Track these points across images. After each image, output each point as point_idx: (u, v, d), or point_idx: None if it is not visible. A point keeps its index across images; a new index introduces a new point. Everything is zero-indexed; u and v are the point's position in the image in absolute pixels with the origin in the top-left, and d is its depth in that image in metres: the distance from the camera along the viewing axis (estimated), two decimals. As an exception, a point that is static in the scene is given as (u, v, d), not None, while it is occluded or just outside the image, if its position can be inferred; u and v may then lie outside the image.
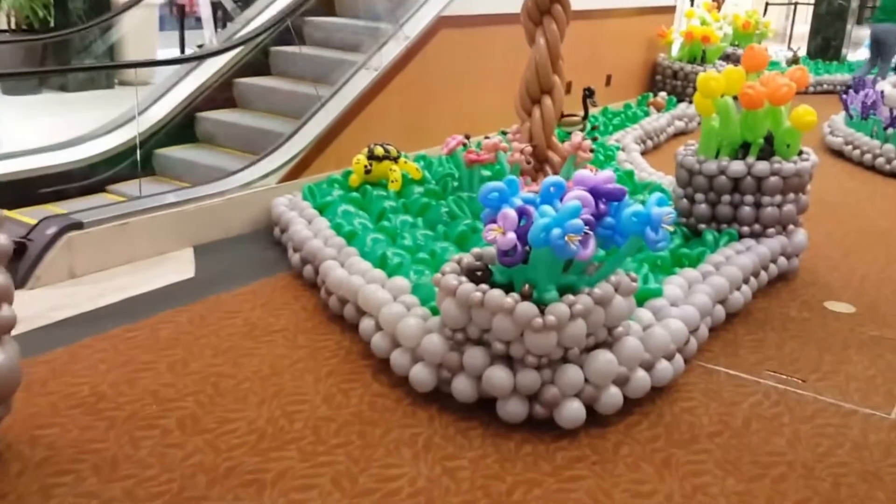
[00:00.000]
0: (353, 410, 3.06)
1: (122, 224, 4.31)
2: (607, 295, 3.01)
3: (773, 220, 4.51)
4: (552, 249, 2.86)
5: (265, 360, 3.41)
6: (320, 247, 4.16)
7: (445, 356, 3.07)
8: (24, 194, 5.04)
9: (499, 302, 2.89)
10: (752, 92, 4.34)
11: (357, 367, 3.38)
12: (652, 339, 3.22)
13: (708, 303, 3.70)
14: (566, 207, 2.87)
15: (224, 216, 4.83)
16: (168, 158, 5.71)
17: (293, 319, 3.82)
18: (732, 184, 4.50)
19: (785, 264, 4.59)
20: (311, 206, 4.87)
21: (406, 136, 6.06)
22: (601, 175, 3.13)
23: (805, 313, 4.20)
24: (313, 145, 5.43)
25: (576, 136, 4.86)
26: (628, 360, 3.09)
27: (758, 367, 3.59)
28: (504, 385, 2.94)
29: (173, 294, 4.05)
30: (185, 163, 5.63)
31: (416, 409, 3.08)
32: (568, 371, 2.96)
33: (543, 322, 2.84)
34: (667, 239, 3.04)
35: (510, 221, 2.95)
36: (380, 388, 3.23)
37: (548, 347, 2.90)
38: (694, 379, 3.46)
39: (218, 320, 3.77)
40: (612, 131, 8.00)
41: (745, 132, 4.51)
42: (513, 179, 3.19)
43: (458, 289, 3.01)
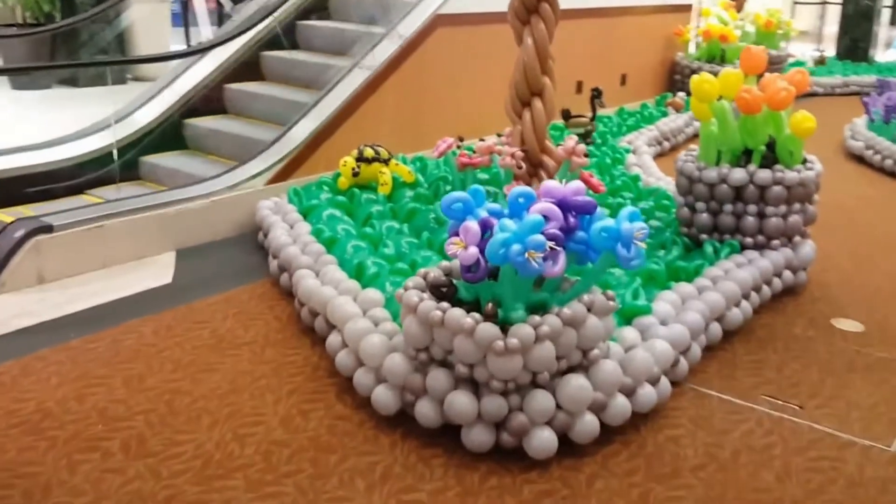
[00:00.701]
0: (311, 434, 2.87)
1: (96, 227, 4.17)
2: (579, 315, 2.79)
3: (778, 231, 4.26)
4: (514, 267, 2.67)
5: (226, 375, 3.24)
6: (296, 254, 3.99)
7: (408, 378, 2.88)
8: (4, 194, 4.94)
9: (458, 322, 2.69)
10: (748, 96, 4.09)
11: (322, 385, 3.20)
12: (633, 361, 3.00)
13: (700, 321, 3.47)
14: (527, 221, 2.67)
15: (209, 219, 4.68)
16: (154, 164, 5.58)
17: (264, 331, 3.65)
18: (734, 192, 4.25)
19: (791, 278, 4.34)
20: (297, 209, 4.70)
21: (402, 137, 5.88)
22: (570, 186, 2.92)
23: (810, 331, 3.95)
24: (304, 146, 5.26)
25: (569, 141, 4.64)
26: (605, 385, 2.88)
27: (754, 392, 3.35)
28: (467, 411, 2.74)
29: (144, 301, 3.90)
30: (171, 168, 5.49)
31: (379, 434, 2.90)
32: (537, 397, 2.76)
33: (505, 345, 2.64)
34: (640, 256, 2.82)
35: (472, 235, 2.75)
36: (343, 409, 3.04)
37: (512, 371, 2.70)
38: (684, 403, 3.24)
39: (185, 331, 3.61)
40: (625, 132, 7.75)
41: (744, 138, 4.26)
42: (477, 190, 2.99)
43: (418, 306, 2.82)
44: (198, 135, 5.81)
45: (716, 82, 4.23)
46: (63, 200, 4.93)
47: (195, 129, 5.82)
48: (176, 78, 5.85)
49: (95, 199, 4.98)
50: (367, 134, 5.58)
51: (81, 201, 4.96)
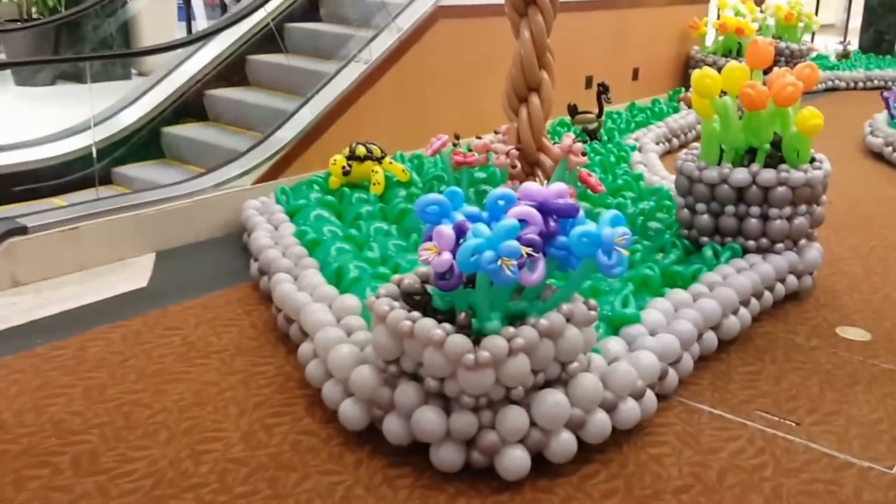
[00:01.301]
0: (273, 451, 2.73)
1: (72, 229, 4.06)
2: (557, 326, 2.63)
3: (782, 234, 4.05)
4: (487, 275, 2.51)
5: (191, 386, 3.11)
6: (276, 257, 3.85)
7: (376, 391, 2.72)
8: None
9: (427, 333, 2.53)
10: (752, 92, 3.89)
11: (291, 397, 3.06)
12: (616, 375, 2.83)
13: (691, 331, 3.29)
14: (501, 227, 2.50)
15: (191, 220, 4.55)
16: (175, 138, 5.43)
17: (237, 338, 3.51)
18: (736, 193, 4.05)
19: (795, 283, 4.13)
20: (284, 209, 4.56)
21: (400, 134, 5.72)
22: (552, 188, 2.75)
23: (813, 340, 3.75)
24: (295, 143, 5.12)
25: (566, 139, 4.45)
26: (584, 401, 2.71)
27: (747, 406, 3.17)
28: (434, 428, 2.58)
29: (117, 306, 3.78)
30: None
31: (344, 452, 2.75)
32: (510, 414, 2.59)
33: (476, 359, 2.48)
34: (622, 264, 2.65)
35: (446, 240, 2.59)
36: (310, 423, 2.90)
37: (484, 387, 2.54)
38: (671, 419, 3.06)
39: (155, 338, 3.48)
40: (634, 129, 7.54)
41: (748, 136, 4.06)
42: (455, 191, 2.83)
43: (388, 315, 2.66)
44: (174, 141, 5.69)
45: (718, 77, 4.02)
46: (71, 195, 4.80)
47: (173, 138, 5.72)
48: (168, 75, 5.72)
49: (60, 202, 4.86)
50: (364, 130, 5.43)
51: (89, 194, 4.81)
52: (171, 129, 5.68)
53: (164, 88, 5.78)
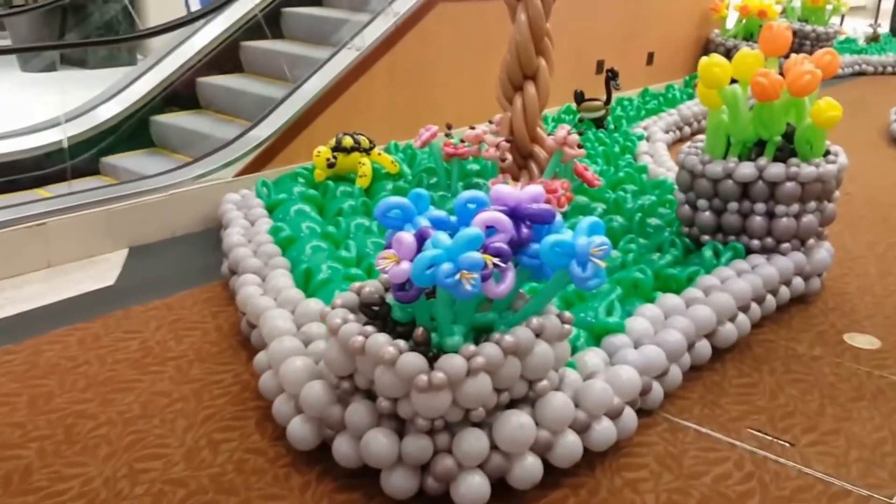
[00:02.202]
0: (215, 471, 2.54)
1: (38, 224, 3.89)
2: (524, 343, 2.40)
3: (789, 233, 3.78)
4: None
5: (141, 396, 2.93)
6: (245, 255, 3.66)
7: (326, 409, 2.52)
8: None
9: (378, 351, 2.32)
10: (764, 81, 3.60)
11: (244, 410, 2.87)
12: (590, 393, 2.60)
13: (680, 341, 3.05)
14: (461, 236, 2.27)
15: (168, 214, 4.37)
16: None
17: (198, 343, 3.32)
18: (741, 189, 3.79)
19: (801, 286, 3.86)
20: (264, 203, 4.37)
21: (395, 123, 5.50)
22: (527, 192, 2.51)
23: (817, 349, 3.49)
24: (281, 133, 4.91)
25: (560, 130, 4.21)
26: (553, 422, 2.48)
27: (739, 424, 2.92)
28: (384, 453, 2.37)
29: (80, 306, 3.61)
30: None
31: (292, 473, 2.55)
32: (467, 437, 2.37)
33: (429, 380, 2.27)
34: (600, 276, 2.42)
35: (406, 248, 2.37)
36: (259, 440, 2.70)
37: (439, 409, 2.32)
38: (653, 437, 2.82)
39: (113, 341, 3.30)
40: (644, 116, 7.24)
41: (759, 128, 3.78)
42: (420, 194, 2.61)
43: (340, 329, 2.45)
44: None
45: (727, 65, 3.74)
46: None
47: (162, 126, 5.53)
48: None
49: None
50: (356, 120, 5.21)
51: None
52: (160, 117, 5.49)
53: (154, 76, 5.59)
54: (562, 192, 4.16)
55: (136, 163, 5.03)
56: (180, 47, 5.64)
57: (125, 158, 5.16)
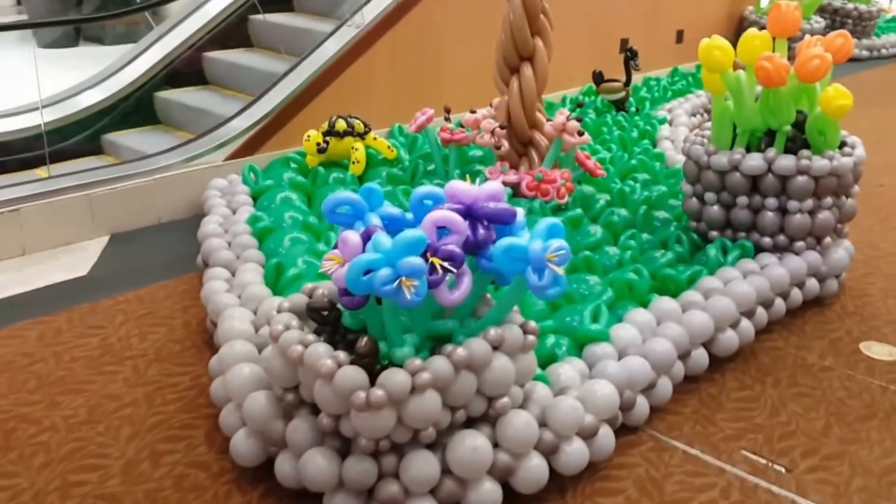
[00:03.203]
0: (152, 487, 2.37)
1: (11, 211, 3.75)
2: (479, 356, 2.18)
3: (803, 230, 3.49)
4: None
5: (91, 399, 2.77)
6: (218, 247, 3.48)
7: (269, 423, 2.33)
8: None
9: (315, 363, 2.12)
10: (768, 65, 3.30)
11: (196, 417, 2.69)
12: (558, 411, 2.37)
13: (669, 351, 2.79)
14: (402, 238, 2.05)
15: (152, 200, 4.21)
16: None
17: (162, 340, 3.16)
18: (750, 183, 3.50)
19: (816, 288, 3.57)
20: (250, 190, 4.19)
21: (397, 106, 5.26)
22: (486, 188, 2.28)
23: (829, 359, 3.21)
24: (275, 115, 4.71)
25: (559, 116, 3.94)
26: (514, 444, 2.27)
27: (732, 444, 2.67)
28: (323, 476, 2.18)
29: (48, 298, 3.47)
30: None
31: (233, 491, 2.37)
32: (415, 461, 2.17)
33: (367, 398, 2.06)
34: (560, 284, 2.19)
35: (351, 249, 2.16)
36: (205, 452, 2.53)
37: (382, 429, 2.12)
38: (635, 458, 2.59)
39: (74, 337, 3.16)
40: (670, 98, 6.90)
41: (766, 116, 3.48)
42: (372, 188, 2.39)
43: (281, 336, 2.26)
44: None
45: (729, 48, 3.44)
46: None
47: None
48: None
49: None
50: (354, 101, 4.99)
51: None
52: (165, 93, 5.32)
53: (158, 51, 5.41)
54: (561, 182, 3.91)
55: (138, 140, 4.86)
56: (186, 21, 5.45)
57: (127, 136, 5.01)
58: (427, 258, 2.12)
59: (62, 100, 4.97)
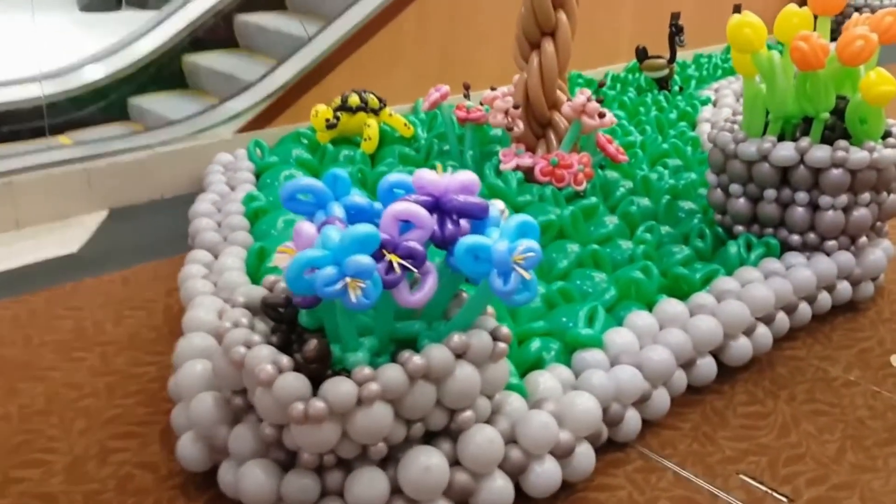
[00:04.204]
0: (94, 488, 2.24)
1: (3, 183, 3.66)
2: (439, 365, 1.97)
3: (835, 228, 3.17)
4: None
5: (50, 388, 2.65)
6: (205, 227, 3.33)
7: (213, 428, 2.17)
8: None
9: (255, 369, 1.94)
10: (804, 46, 2.98)
11: (154, 412, 2.55)
12: (529, 427, 2.16)
13: (666, 360, 2.54)
14: (351, 235, 1.85)
15: (154, 174, 4.09)
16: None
17: (137, 326, 3.03)
18: (779, 174, 3.19)
19: (848, 292, 3.26)
20: (254, 167, 4.03)
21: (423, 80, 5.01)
22: (457, 179, 2.06)
23: (855, 372, 2.91)
24: (290, 87, 4.53)
25: (580, 96, 3.66)
26: (475, 463, 2.06)
27: (730, 467, 2.42)
28: (259, 491, 2.01)
29: (32, 276, 3.37)
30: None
31: (177, 497, 2.22)
32: (360, 479, 1.98)
33: (305, 410, 1.88)
34: (530, 289, 1.97)
35: (305, 242, 1.98)
36: (156, 452, 2.38)
37: (324, 444, 1.94)
38: (619, 479, 2.35)
39: (48, 320, 3.05)
40: (720, 76, 6.51)
41: (803, 102, 3.16)
42: (337, 174, 2.19)
43: (226, 335, 2.09)
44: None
45: (760, 26, 3.13)
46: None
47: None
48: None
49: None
50: (376, 75, 4.78)
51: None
52: (192, 56, 5.16)
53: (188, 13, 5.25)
54: (579, 167, 3.64)
55: (164, 104, 4.72)
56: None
57: (154, 100, 4.88)
58: (384, 255, 1.93)
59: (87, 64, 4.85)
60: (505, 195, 3.39)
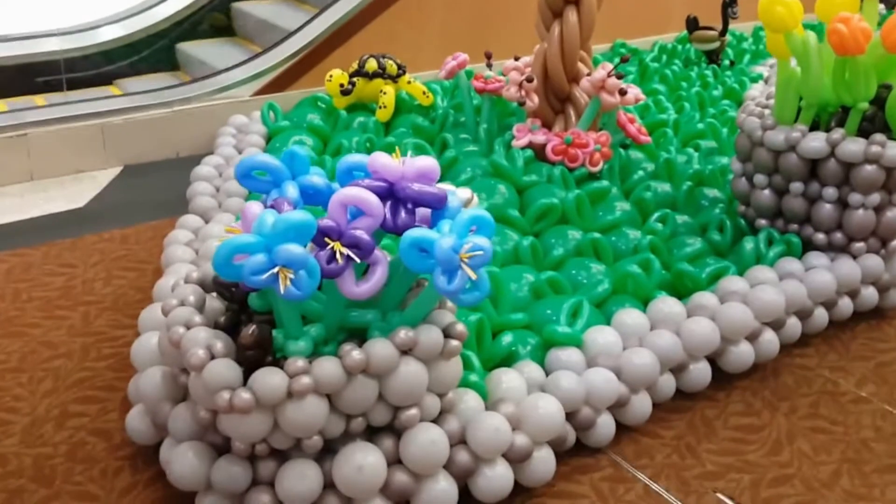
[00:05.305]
0: (46, 452, 2.22)
1: (19, 135, 3.68)
2: (381, 361, 1.87)
3: (865, 229, 2.93)
4: (256, 287, 1.80)
5: (27, 345, 2.65)
6: (201, 191, 3.28)
7: (157, 404, 2.12)
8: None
9: (187, 353, 1.87)
10: (843, 29, 2.71)
11: (121, 378, 2.51)
12: (478, 430, 2.04)
13: (648, 364, 2.38)
14: (284, 222, 1.75)
15: (170, 132, 4.05)
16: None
17: (126, 286, 3.00)
18: (808, 167, 2.96)
19: (873, 299, 3.01)
20: (266, 131, 3.95)
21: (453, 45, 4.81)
22: (416, 164, 1.94)
23: (868, 387, 2.69)
24: (313, 48, 4.42)
25: (600, 70, 3.45)
26: (416, 463, 1.96)
27: (707, 483, 2.26)
28: (189, 474, 1.95)
29: (35, 229, 3.39)
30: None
31: (124, 469, 2.19)
32: (290, 473, 1.90)
33: (230, 400, 1.80)
34: (480, 289, 1.84)
35: (252, 222, 1.89)
36: (113, 420, 2.36)
37: (252, 434, 1.86)
38: (584, 487, 2.22)
39: (41, 274, 3.05)
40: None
41: (840, 91, 2.90)
42: (295, 152, 2.09)
43: (170, 313, 2.02)
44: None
45: (794, 5, 2.87)
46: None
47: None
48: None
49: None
50: (402, 38, 4.62)
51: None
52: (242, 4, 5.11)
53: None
54: (596, 147, 3.45)
55: (210, 52, 4.71)
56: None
57: (200, 46, 4.85)
58: (327, 243, 1.83)
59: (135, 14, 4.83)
60: (510, 174, 3.23)
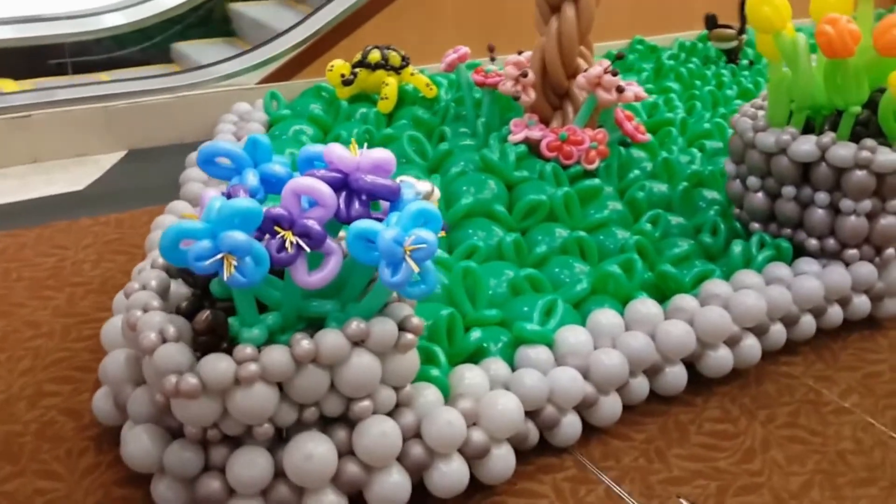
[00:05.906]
0: (14, 430, 2.26)
1: (22, 116, 3.74)
2: (330, 351, 1.87)
3: (857, 235, 2.86)
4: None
5: (10, 324, 2.70)
6: (193, 178, 3.31)
7: (120, 385, 2.15)
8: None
9: (140, 336, 1.89)
10: (830, 30, 2.65)
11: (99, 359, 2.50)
12: (433, 425, 2.03)
13: (617, 366, 2.35)
14: (230, 208, 1.76)
15: (175, 118, 4.09)
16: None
17: (115, 269, 3.05)
18: (800, 171, 2.90)
19: (865, 307, 2.94)
20: (267, 119, 3.97)
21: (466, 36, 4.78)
22: (371, 156, 1.94)
23: (852, 398, 2.64)
24: (320, 37, 4.43)
25: (596, 67, 3.41)
26: (368, 455, 1.96)
27: (672, 489, 2.23)
28: (141, 456, 1.97)
29: (33, 210, 3.45)
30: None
31: (89, 450, 2.22)
32: (240, 459, 1.91)
33: (176, 384, 1.81)
34: (427, 283, 1.84)
35: (208, 209, 1.90)
36: (85, 400, 2.38)
37: (200, 419, 1.88)
38: (545, 487, 2.20)
39: (34, 255, 3.11)
40: (804, 52, 5.98)
41: (832, 94, 2.84)
42: (258, 140, 2.10)
43: (131, 296, 2.05)
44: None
45: (782, 5, 2.81)
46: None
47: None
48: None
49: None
50: (412, 27, 4.60)
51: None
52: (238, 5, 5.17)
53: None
54: (592, 144, 3.41)
55: (205, 52, 4.76)
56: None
57: (196, 46, 4.91)
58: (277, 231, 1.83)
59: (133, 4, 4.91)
60: (500, 170, 3.21)
